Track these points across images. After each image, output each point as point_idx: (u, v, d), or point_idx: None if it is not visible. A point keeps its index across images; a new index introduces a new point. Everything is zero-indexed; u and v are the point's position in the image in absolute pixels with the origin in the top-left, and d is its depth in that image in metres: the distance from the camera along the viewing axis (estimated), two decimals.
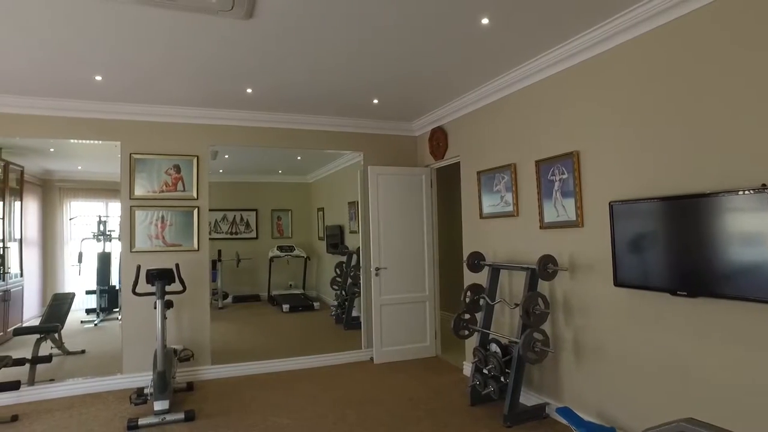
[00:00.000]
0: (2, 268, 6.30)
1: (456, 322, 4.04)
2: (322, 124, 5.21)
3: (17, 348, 5.12)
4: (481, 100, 4.43)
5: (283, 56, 3.48)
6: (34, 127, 4.37)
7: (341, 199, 7.97)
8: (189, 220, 4.72)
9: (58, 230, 8.37)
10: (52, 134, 4.46)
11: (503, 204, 4.19)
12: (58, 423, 3.70)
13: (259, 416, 3.76)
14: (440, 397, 4.12)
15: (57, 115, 4.39)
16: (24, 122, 4.33)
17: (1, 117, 4.26)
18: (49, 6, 2.68)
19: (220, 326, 6.65)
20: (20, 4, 2.65)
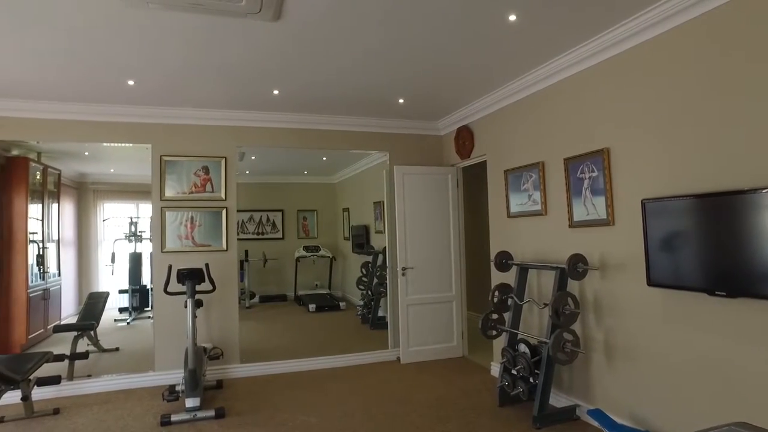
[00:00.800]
0: (42, 268, 6.52)
1: (484, 322, 4.00)
2: (347, 125, 5.24)
3: (57, 344, 5.30)
4: (507, 98, 4.38)
5: (310, 57, 3.51)
6: (69, 132, 4.51)
7: (367, 199, 8.00)
8: (217, 221, 4.81)
9: (92, 231, 8.64)
10: (87, 138, 4.60)
11: (531, 203, 4.14)
12: (96, 417, 3.81)
13: (288, 415, 3.79)
14: (468, 397, 4.09)
15: (91, 119, 4.52)
16: (61, 127, 4.47)
17: (39, 123, 4.42)
18: (85, 14, 2.76)
19: (248, 325, 6.74)
20: (58, 14, 2.74)
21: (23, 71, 3.63)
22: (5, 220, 5.87)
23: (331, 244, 9.49)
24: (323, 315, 7.88)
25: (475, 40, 3.26)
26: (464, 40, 3.24)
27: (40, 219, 6.59)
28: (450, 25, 3.02)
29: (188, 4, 2.66)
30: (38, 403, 3.95)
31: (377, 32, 3.10)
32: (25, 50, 3.26)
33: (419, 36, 3.17)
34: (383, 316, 6.65)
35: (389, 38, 3.20)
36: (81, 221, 8.50)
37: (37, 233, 6.43)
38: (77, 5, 2.67)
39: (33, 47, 3.22)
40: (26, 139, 4.72)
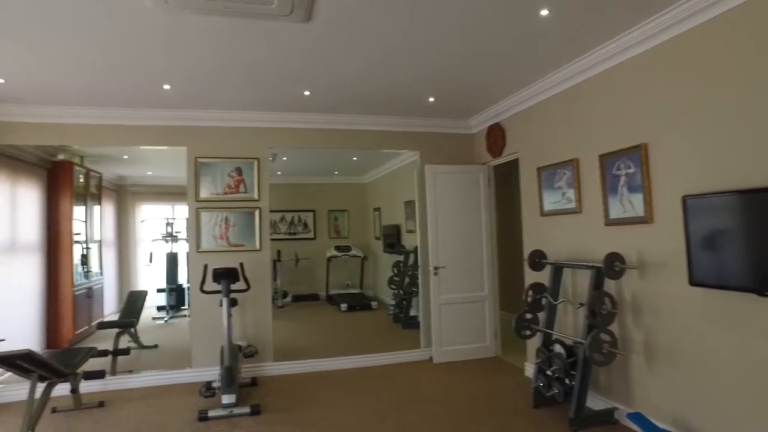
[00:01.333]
0: (85, 267, 6.78)
1: (518, 322, 3.95)
2: (378, 124, 5.25)
3: (100, 341, 5.49)
4: (539, 95, 4.30)
5: (340, 57, 3.53)
6: (109, 136, 4.68)
7: (397, 199, 7.99)
8: (251, 221, 4.89)
9: (131, 232, 8.93)
10: (126, 142, 4.76)
11: (565, 200, 4.05)
12: (138, 411, 3.94)
13: (322, 413, 3.83)
14: (502, 397, 4.04)
15: (129, 123, 4.67)
16: (101, 132, 4.64)
17: (82, 128, 4.59)
18: (123, 22, 2.85)
19: (281, 324, 6.84)
20: (98, 23, 2.84)
21: (67, 79, 3.78)
22: (53, 221, 6.13)
23: (362, 244, 9.52)
24: (355, 314, 7.92)
25: (507, 37, 3.21)
26: (496, 36, 3.20)
27: (84, 220, 6.85)
28: (481, 22, 2.99)
29: (221, 8, 2.71)
30: (85, 396, 4.10)
31: (408, 31, 3.10)
32: (68, 59, 3.39)
33: (451, 34, 3.15)
34: (415, 315, 6.64)
35: (420, 37, 3.19)
36: (120, 222, 8.79)
37: (80, 234, 6.69)
38: (116, 14, 2.76)
39: (76, 56, 3.35)
40: (70, 143, 4.92)
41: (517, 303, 6.09)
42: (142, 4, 2.66)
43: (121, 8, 2.70)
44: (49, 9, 2.68)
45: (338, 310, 8.18)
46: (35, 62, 3.44)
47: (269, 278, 5.03)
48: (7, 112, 4.38)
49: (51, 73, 3.65)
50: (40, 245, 5.87)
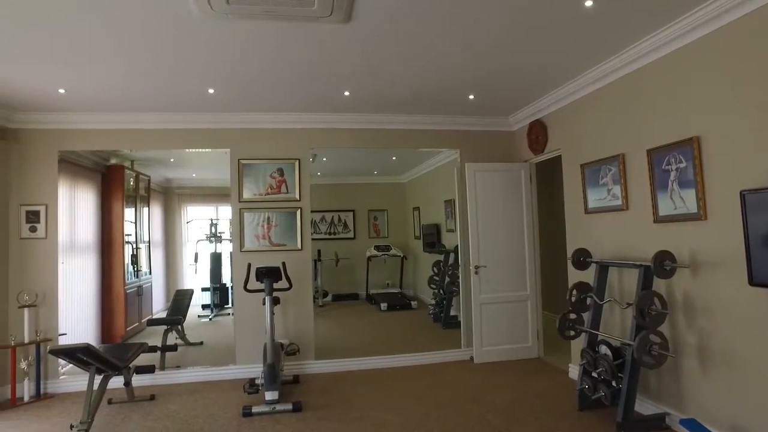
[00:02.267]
0: (135, 267, 7.07)
1: (561, 322, 3.85)
2: (417, 123, 5.23)
3: (148, 337, 5.71)
4: (583, 89, 4.18)
5: (379, 57, 3.54)
6: (157, 140, 4.86)
7: (437, 198, 7.95)
8: (292, 221, 4.98)
9: (177, 232, 9.25)
10: (172, 145, 4.94)
11: (610, 197, 3.93)
12: (186, 405, 4.08)
13: (363, 411, 3.85)
14: (545, 399, 3.95)
15: (176, 127, 4.84)
16: (150, 136, 4.83)
17: (132, 133, 4.80)
18: (170, 29, 2.95)
19: (321, 323, 6.92)
20: (146, 32, 2.96)
21: (119, 87, 3.96)
22: (106, 223, 6.43)
23: (401, 244, 9.52)
24: (395, 314, 7.93)
25: (549, 30, 3.14)
26: (538, 30, 3.13)
27: (133, 222, 7.14)
28: (523, 16, 2.93)
29: (263, 12, 2.77)
30: (137, 389, 4.28)
31: (449, 28, 3.08)
32: (121, 68, 3.55)
33: (492, 29, 3.11)
34: (455, 315, 6.58)
35: (461, 34, 3.16)
36: (167, 223, 9.12)
37: (131, 235, 6.98)
38: (165, 22, 2.86)
39: (127, 65, 3.50)
40: (122, 148, 5.14)
41: (559, 303, 5.96)
42: (189, 11, 2.74)
43: (169, 17, 2.80)
44: (103, 23, 2.81)
45: (378, 309, 8.20)
46: (91, 72, 3.63)
47: (311, 277, 5.10)
48: (67, 120, 4.63)
49: (105, 82, 3.84)
50: (95, 245, 6.16)
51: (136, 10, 2.72)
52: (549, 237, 5.77)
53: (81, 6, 2.65)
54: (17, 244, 4.54)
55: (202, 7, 2.68)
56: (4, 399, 4.28)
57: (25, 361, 4.33)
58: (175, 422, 3.71)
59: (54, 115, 4.58)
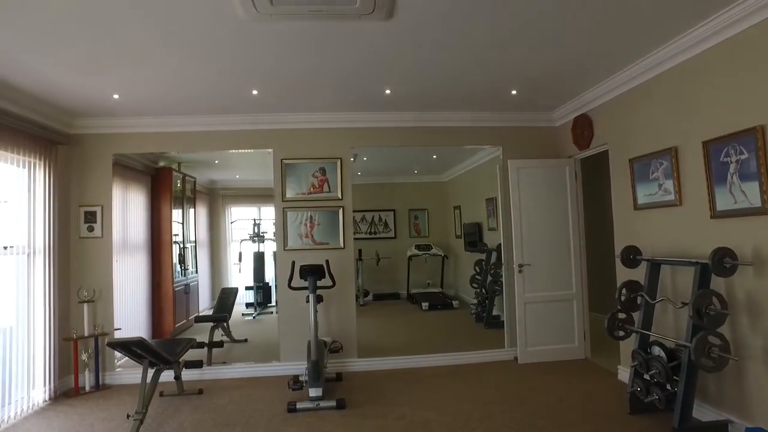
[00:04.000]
0: (182, 266, 7.31)
1: (610, 322, 3.72)
2: (459, 120, 5.18)
3: (196, 334, 5.88)
4: (632, 80, 4.03)
5: (421, 53, 3.52)
6: (202, 142, 5.02)
7: (478, 196, 7.85)
8: (335, 220, 5.02)
9: (221, 233, 9.51)
10: (217, 147, 5.09)
11: (662, 192, 3.77)
12: (233, 399, 4.18)
13: (406, 409, 3.84)
14: (593, 402, 3.83)
15: (220, 129, 4.97)
16: (195, 138, 4.99)
17: (180, 135, 4.96)
18: (214, 32, 3.03)
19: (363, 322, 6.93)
20: (195, 38, 3.05)
21: (168, 92, 4.11)
22: (155, 223, 6.68)
23: (442, 243, 9.46)
24: (436, 313, 7.88)
25: (597, 20, 3.04)
26: (585, 20, 3.04)
27: (180, 222, 7.39)
28: (569, 5, 2.85)
29: (306, 12, 2.80)
30: (186, 383, 4.40)
31: (491, 22, 3.03)
32: (170, 73, 3.68)
33: (536, 21, 3.04)
34: (498, 314, 6.48)
35: (506, 28, 3.11)
36: (212, 224, 9.40)
37: (178, 235, 7.22)
38: (212, 26, 2.94)
39: (176, 70, 3.63)
40: (170, 150, 5.34)
41: (606, 303, 5.76)
42: (234, 14, 2.81)
43: (215, 19, 2.87)
44: (154, 28, 2.92)
45: (419, 308, 8.17)
46: (143, 77, 3.78)
47: (353, 276, 5.13)
48: (120, 124, 4.84)
49: (155, 86, 3.98)
50: (145, 245, 6.40)
51: (183, 14, 2.80)
52: (594, 235, 5.61)
53: (134, 13, 2.76)
54: (77, 243, 4.78)
55: (247, 8, 2.74)
56: (68, 388, 4.52)
57: (85, 353, 4.56)
58: (223, 416, 3.81)
59: (109, 120, 4.79)
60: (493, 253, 6.82)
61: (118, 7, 2.70)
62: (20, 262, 4.15)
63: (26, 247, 4.19)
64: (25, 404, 4.07)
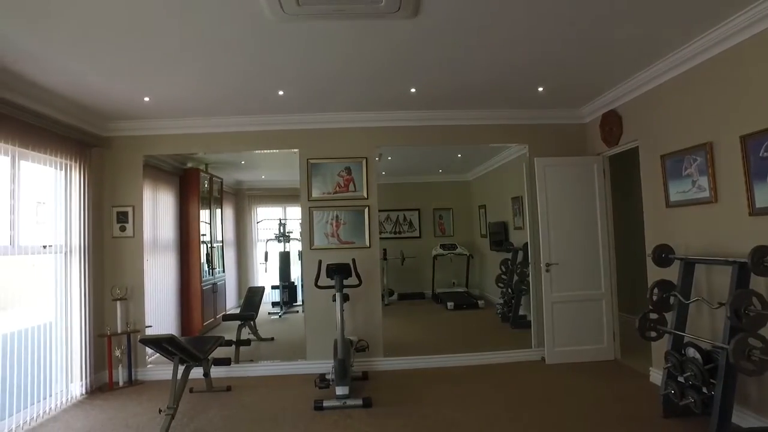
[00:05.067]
0: (210, 265, 7.44)
1: (641, 322, 3.64)
2: (484, 118, 5.14)
3: (223, 332, 5.98)
4: (662, 75, 3.93)
5: (448, 51, 3.50)
6: (230, 143, 5.10)
7: (504, 195, 7.77)
8: (360, 219, 5.04)
9: (248, 232, 9.64)
10: (244, 147, 5.18)
11: (696, 189, 3.66)
12: (260, 397, 4.23)
13: (432, 408, 3.82)
14: (625, 404, 3.75)
15: (247, 130, 5.04)
16: (223, 139, 5.07)
17: (207, 137, 5.06)
18: (242, 33, 3.07)
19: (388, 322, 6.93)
20: (222, 40, 3.09)
21: (196, 93, 4.18)
22: (183, 223, 6.81)
23: (467, 242, 9.39)
24: (462, 313, 7.84)
25: (628, 10, 2.96)
26: (617, 11, 2.97)
27: (208, 222, 7.52)
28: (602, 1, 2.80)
29: (332, 11, 2.82)
30: (214, 380, 4.48)
31: (518, 17, 2.99)
32: (198, 75, 3.75)
33: (565, 14, 2.98)
34: (524, 314, 6.40)
35: (535, 23, 3.07)
36: (238, 224, 9.53)
37: (205, 235, 7.34)
38: (239, 28, 2.99)
39: (204, 72, 3.70)
40: (198, 151, 5.45)
41: (636, 303, 5.65)
42: (261, 15, 2.84)
43: (242, 20, 2.92)
44: (183, 30, 2.97)
45: (445, 308, 8.13)
46: (172, 79, 3.85)
47: (379, 275, 5.14)
48: (151, 126, 4.96)
49: (184, 88, 4.06)
50: (174, 244, 6.54)
51: (212, 17, 2.85)
52: (623, 233, 5.49)
53: (165, 18, 2.82)
54: (110, 243, 4.92)
55: (274, 9, 2.77)
56: (102, 383, 4.67)
57: (118, 349, 4.69)
58: (252, 413, 3.86)
59: (140, 123, 4.91)
60: (520, 252, 6.74)
61: (150, 14, 2.77)
62: (58, 260, 4.29)
63: (63, 246, 4.33)
64: (64, 397, 4.21)
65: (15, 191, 3.75)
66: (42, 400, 3.97)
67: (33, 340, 3.97)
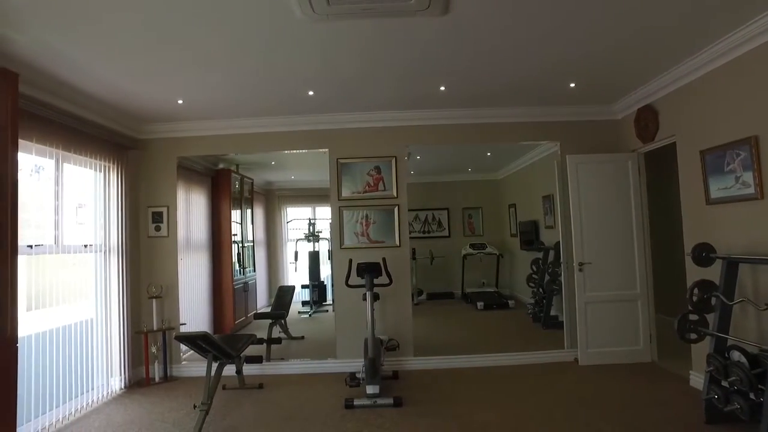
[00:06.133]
0: (241, 264, 7.56)
1: (681, 324, 3.52)
2: (515, 116, 5.07)
3: (254, 330, 6.06)
4: (701, 68, 3.79)
5: (479, 48, 3.47)
6: (260, 143, 5.18)
7: (534, 194, 7.66)
8: (390, 218, 5.04)
9: (277, 232, 9.77)
10: (274, 148, 5.26)
11: (739, 186, 3.52)
12: (292, 394, 4.27)
13: (464, 408, 3.79)
14: (663, 408, 3.63)
15: (277, 130, 5.11)
16: (254, 140, 5.15)
17: (238, 137, 5.14)
18: (273, 35, 3.11)
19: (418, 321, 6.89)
20: (254, 42, 3.14)
21: (228, 95, 4.26)
22: (215, 223, 6.94)
23: (497, 241, 9.29)
24: (492, 313, 7.76)
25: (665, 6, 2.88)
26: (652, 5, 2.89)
27: (239, 222, 7.64)
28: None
29: (362, 10, 2.83)
30: (246, 377, 4.54)
31: (549, 11, 2.94)
32: (230, 77, 3.81)
33: (602, 10, 2.91)
34: (556, 314, 6.29)
35: (562, 16, 3.01)
36: (268, 224, 9.66)
37: (236, 235, 7.47)
38: (270, 29, 3.02)
39: (236, 74, 3.76)
40: (229, 152, 5.55)
41: (672, 304, 5.47)
42: (292, 16, 2.86)
43: (273, 22, 2.95)
44: (216, 33, 3.03)
45: (474, 308, 8.06)
46: (205, 81, 3.93)
47: (409, 274, 5.12)
48: (184, 128, 5.07)
49: (216, 90, 4.15)
50: (207, 244, 6.67)
51: (244, 19, 2.90)
52: (659, 232, 5.34)
53: (199, 23, 2.88)
54: (146, 242, 5.05)
55: (305, 10, 2.79)
56: (140, 378, 4.81)
57: (154, 346, 4.82)
58: (283, 410, 3.90)
59: (173, 125, 5.03)
60: (551, 251, 6.62)
61: (184, 19, 2.84)
62: (98, 259, 4.44)
63: (102, 245, 4.47)
64: (104, 390, 4.37)
65: (59, 192, 3.90)
66: (85, 393, 4.13)
67: (76, 335, 4.12)
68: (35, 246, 3.57)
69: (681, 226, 4.25)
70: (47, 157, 3.81)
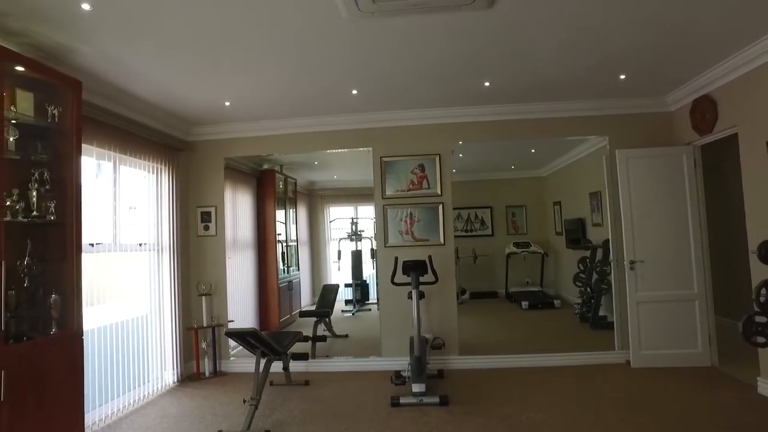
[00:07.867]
0: (286, 263, 7.70)
1: (746, 326, 3.31)
2: (561, 111, 4.93)
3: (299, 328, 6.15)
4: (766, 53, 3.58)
5: (524, 42, 3.40)
6: (305, 143, 5.26)
7: (581, 191, 7.44)
8: (434, 216, 5.01)
9: (320, 232, 9.88)
10: (317, 147, 5.32)
11: None
12: (338, 391, 4.31)
13: (512, 408, 3.72)
14: (728, 416, 3.43)
15: (321, 130, 5.17)
16: (298, 140, 5.23)
17: (283, 138, 5.24)
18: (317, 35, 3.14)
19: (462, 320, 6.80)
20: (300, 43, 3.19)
21: (274, 95, 4.34)
22: (261, 222, 7.10)
23: (541, 240, 9.08)
24: (537, 312, 7.60)
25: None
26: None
27: (283, 222, 7.78)
28: None
29: (406, 6, 2.81)
30: (293, 374, 4.61)
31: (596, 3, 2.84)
32: (276, 78, 3.89)
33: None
34: (605, 315, 6.09)
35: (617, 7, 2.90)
36: (312, 223, 9.79)
37: (281, 234, 7.60)
38: (316, 29, 3.06)
39: (281, 75, 3.83)
40: (274, 152, 5.66)
41: (733, 305, 5.21)
42: (338, 15, 2.89)
43: (318, 22, 2.98)
44: (262, 34, 3.09)
45: (519, 307, 7.92)
46: (251, 84, 4.03)
47: (454, 272, 5.08)
48: (231, 130, 5.21)
49: (262, 92, 4.24)
50: (252, 243, 6.83)
51: (289, 20, 2.94)
52: (718, 229, 5.07)
53: (246, 25, 2.94)
54: (195, 241, 5.22)
55: (350, 8, 2.80)
56: (191, 372, 4.99)
57: (204, 342, 4.98)
58: (330, 406, 3.94)
59: (220, 127, 5.18)
60: (599, 249, 6.42)
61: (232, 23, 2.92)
62: (151, 257, 4.62)
63: (155, 244, 4.65)
64: (159, 383, 4.55)
65: (117, 193, 4.09)
66: (141, 386, 4.31)
67: (132, 330, 4.32)
68: (96, 244, 3.75)
69: (740, 221, 4.02)
70: (106, 160, 4.00)
